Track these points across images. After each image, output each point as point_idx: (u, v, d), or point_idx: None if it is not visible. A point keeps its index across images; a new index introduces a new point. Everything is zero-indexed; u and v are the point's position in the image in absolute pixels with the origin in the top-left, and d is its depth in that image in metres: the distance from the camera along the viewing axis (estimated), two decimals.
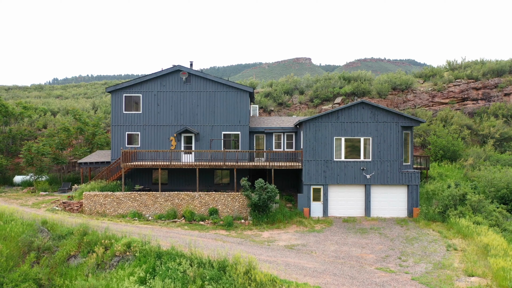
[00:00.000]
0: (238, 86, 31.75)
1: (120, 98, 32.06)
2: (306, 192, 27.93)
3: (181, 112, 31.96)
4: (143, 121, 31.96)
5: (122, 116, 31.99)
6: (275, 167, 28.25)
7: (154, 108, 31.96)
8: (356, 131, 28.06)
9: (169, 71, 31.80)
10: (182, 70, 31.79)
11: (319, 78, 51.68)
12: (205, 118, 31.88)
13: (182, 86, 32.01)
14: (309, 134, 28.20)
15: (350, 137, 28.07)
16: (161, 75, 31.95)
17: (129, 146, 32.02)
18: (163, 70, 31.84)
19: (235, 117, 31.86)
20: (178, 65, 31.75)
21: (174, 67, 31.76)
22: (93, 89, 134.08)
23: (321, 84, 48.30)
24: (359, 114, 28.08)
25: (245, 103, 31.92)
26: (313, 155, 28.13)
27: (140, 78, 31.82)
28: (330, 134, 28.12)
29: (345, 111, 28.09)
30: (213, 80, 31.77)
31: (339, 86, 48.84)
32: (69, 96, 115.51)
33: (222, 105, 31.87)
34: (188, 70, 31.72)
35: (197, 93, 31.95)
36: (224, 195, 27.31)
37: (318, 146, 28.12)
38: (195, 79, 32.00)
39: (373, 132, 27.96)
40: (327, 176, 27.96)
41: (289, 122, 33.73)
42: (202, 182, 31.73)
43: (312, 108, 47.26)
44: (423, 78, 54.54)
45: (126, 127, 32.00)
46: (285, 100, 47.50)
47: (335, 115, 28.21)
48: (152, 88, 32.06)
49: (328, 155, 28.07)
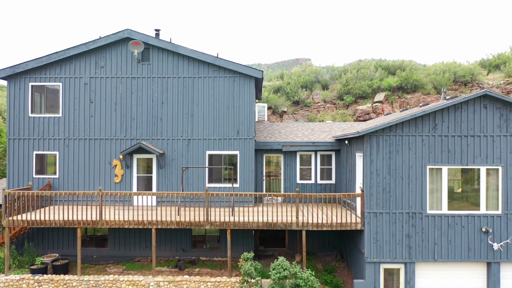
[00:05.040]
0: (237, 67, 17.54)
1: (23, 89, 17.83)
2: (371, 277, 13.84)
3: (132, 116, 17.74)
4: (64, 132, 17.75)
5: (27, 122, 17.78)
6: (309, 226, 14.09)
7: (85, 107, 17.75)
8: (470, 153, 14.03)
9: (112, 40, 17.57)
10: (133, 39, 17.55)
11: (348, 67, 37.50)
12: (176, 125, 17.69)
13: (135, 67, 17.80)
14: (376, 160, 14.08)
15: (458, 166, 14.03)
16: (96, 47, 17.71)
17: (39, 176, 17.80)
18: (100, 38, 17.62)
19: (230, 123, 17.69)
20: (128, 30, 17.53)
21: (120, 33, 17.54)
22: None
23: (353, 75, 34.12)
24: (476, 119, 14.04)
25: (249, 97, 17.74)
26: (385, 202, 14.04)
27: (60, 54, 17.59)
28: (419, 160, 14.09)
29: (449, 113, 14.05)
30: (192, 56, 17.57)
31: (379, 77, 34.66)
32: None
33: (207, 102, 17.71)
34: (146, 39, 17.49)
35: (161, 81, 17.75)
36: (208, 285, 13.19)
37: (395, 183, 14.05)
38: (158, 55, 17.79)
39: (508, 157, 13.91)
40: (414, 244, 13.90)
41: (324, 133, 19.50)
42: (170, 245, 17.50)
43: (342, 108, 33.03)
44: (486, 68, 40.46)
45: (35, 142, 17.76)
46: (303, 97, 33.27)
47: (428, 122, 14.14)
48: (81, 72, 17.83)
49: (414, 202, 14.02)
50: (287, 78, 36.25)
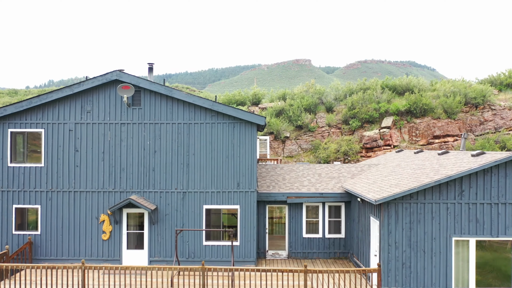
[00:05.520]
0: (237, 113, 15.88)
1: (2, 136, 16.17)
2: None
3: (122, 166, 16.07)
4: (47, 183, 16.08)
5: (6, 172, 16.11)
6: None
7: (70, 156, 16.09)
8: (501, 223, 12.47)
9: (99, 83, 15.91)
10: (123, 82, 15.89)
11: (353, 87, 35.83)
12: (171, 176, 16.02)
13: (125, 112, 16.14)
14: (394, 231, 12.47)
15: (487, 238, 12.45)
16: (82, 90, 16.05)
17: (19, 233, 16.16)
18: (87, 80, 15.96)
19: (230, 174, 16.03)
20: (117, 72, 15.87)
21: (109, 75, 15.88)
22: None
23: (359, 97, 32.45)
24: (508, 184, 12.47)
25: (251, 145, 16.07)
26: (405, 279, 12.42)
27: (42, 98, 15.94)
28: (444, 231, 12.49)
29: (477, 177, 12.47)
30: (187, 101, 15.92)
31: (386, 99, 33.02)
32: None
33: (204, 151, 16.05)
34: (136, 82, 15.82)
35: (154, 127, 16.09)
36: None
37: (416, 257, 12.44)
38: (150, 99, 16.13)
39: None
40: None
41: (332, 180, 17.83)
42: None
43: (347, 133, 31.39)
44: (496, 86, 38.84)
45: (14, 194, 16.10)
46: (307, 122, 31.60)
47: (454, 188, 12.54)
48: (65, 117, 16.17)
49: (438, 278, 12.43)
50: (289, 99, 34.58)
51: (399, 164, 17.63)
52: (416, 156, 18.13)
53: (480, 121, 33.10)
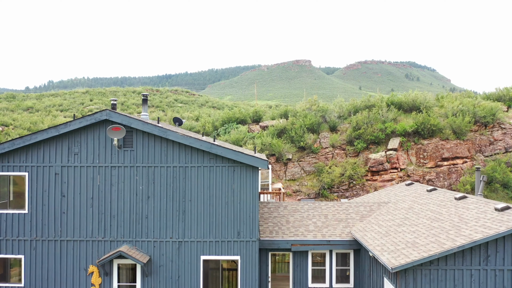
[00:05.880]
0: (237, 156, 14.60)
1: None
2: None
3: (112, 212, 14.80)
4: (31, 231, 14.82)
5: None
6: None
7: (56, 202, 14.82)
8: None
9: (87, 123, 14.64)
10: (113, 123, 14.62)
11: (358, 104, 34.55)
12: (165, 224, 14.76)
13: (115, 154, 14.88)
14: None
15: None
16: (69, 130, 14.79)
17: (1, 285, 14.92)
18: (75, 120, 14.69)
19: (229, 222, 14.77)
20: (107, 111, 14.61)
21: (98, 115, 14.61)
22: (71, 99, 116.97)
23: (364, 116, 31.15)
24: None
25: (252, 191, 14.81)
26: None
27: (25, 139, 14.67)
28: None
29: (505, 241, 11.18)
30: (182, 143, 14.65)
31: (392, 117, 31.74)
32: (41, 108, 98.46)
33: (202, 196, 14.78)
34: (128, 122, 14.54)
35: (147, 170, 14.83)
36: None
37: None
38: (143, 140, 14.87)
39: None
40: None
41: (340, 224, 16.54)
42: None
43: (352, 155, 30.11)
44: (505, 102, 37.59)
45: None
46: (310, 143, 30.30)
47: (479, 253, 11.30)
48: (51, 159, 14.91)
49: None
50: (291, 116, 33.29)
51: (411, 206, 16.37)
52: (429, 196, 16.87)
53: (489, 141, 31.87)
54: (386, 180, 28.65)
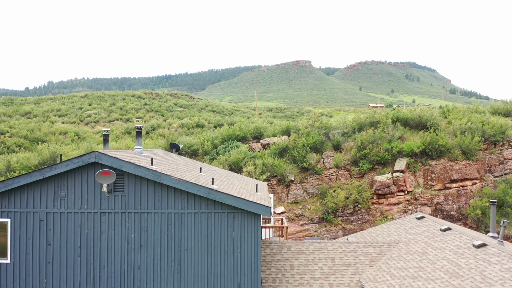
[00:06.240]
0: (238, 202, 13.41)
1: None
2: None
3: (101, 263, 13.62)
4: (14, 283, 13.63)
5: None
6: None
7: (40, 251, 13.64)
8: None
9: (74, 166, 13.46)
10: (102, 166, 13.44)
11: (362, 120, 33.36)
12: (159, 276, 13.58)
13: (105, 199, 13.70)
14: None
15: None
16: (55, 174, 13.61)
17: None
18: (61, 162, 13.50)
19: (229, 273, 13.59)
20: (96, 153, 13.43)
21: (86, 157, 13.42)
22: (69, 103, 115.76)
23: (369, 135, 29.95)
24: None
25: (253, 239, 13.62)
26: None
27: (7, 183, 13.48)
28: None
29: None
30: (178, 187, 13.47)
31: (398, 136, 30.57)
32: (39, 113, 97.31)
33: (199, 245, 13.60)
34: (119, 165, 13.35)
35: (140, 217, 13.65)
36: None
37: None
38: (135, 184, 13.70)
39: None
40: None
41: (348, 269, 15.35)
42: None
43: (357, 177, 28.96)
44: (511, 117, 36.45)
45: None
46: (313, 163, 29.14)
47: None
48: (36, 205, 13.73)
49: None
50: (293, 134, 32.09)
51: (425, 251, 15.19)
52: (444, 238, 15.69)
53: (499, 161, 30.74)
54: (392, 204, 27.50)
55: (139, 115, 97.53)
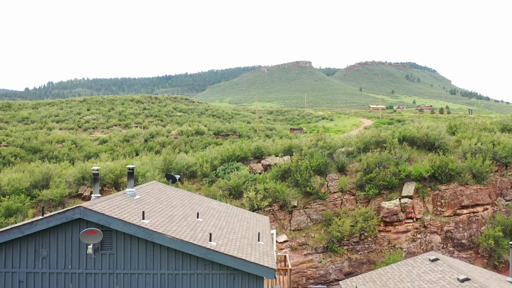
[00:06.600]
0: (238, 264, 12.11)
1: None
2: None
3: None
4: None
5: None
6: None
7: None
8: None
9: (57, 223, 12.16)
10: (87, 223, 12.13)
11: (367, 139, 32.01)
12: None
13: (91, 259, 12.39)
14: None
15: None
16: (37, 231, 12.29)
17: None
18: (43, 218, 12.21)
19: None
20: (81, 208, 12.11)
21: (70, 213, 12.11)
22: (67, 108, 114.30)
23: (375, 158, 28.58)
24: None
25: None
26: None
27: None
28: None
29: None
30: (172, 247, 12.16)
31: (405, 158, 29.25)
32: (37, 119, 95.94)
33: None
34: (106, 222, 12.03)
35: (129, 278, 12.34)
36: None
37: None
38: (125, 242, 12.38)
39: None
40: None
41: None
42: None
43: (363, 202, 27.66)
44: None
45: None
46: (317, 188, 27.84)
47: None
48: (14, 264, 12.42)
49: None
50: (296, 154, 30.76)
51: None
52: None
53: (511, 183, 29.40)
54: (400, 232, 26.19)
55: (138, 120, 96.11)
